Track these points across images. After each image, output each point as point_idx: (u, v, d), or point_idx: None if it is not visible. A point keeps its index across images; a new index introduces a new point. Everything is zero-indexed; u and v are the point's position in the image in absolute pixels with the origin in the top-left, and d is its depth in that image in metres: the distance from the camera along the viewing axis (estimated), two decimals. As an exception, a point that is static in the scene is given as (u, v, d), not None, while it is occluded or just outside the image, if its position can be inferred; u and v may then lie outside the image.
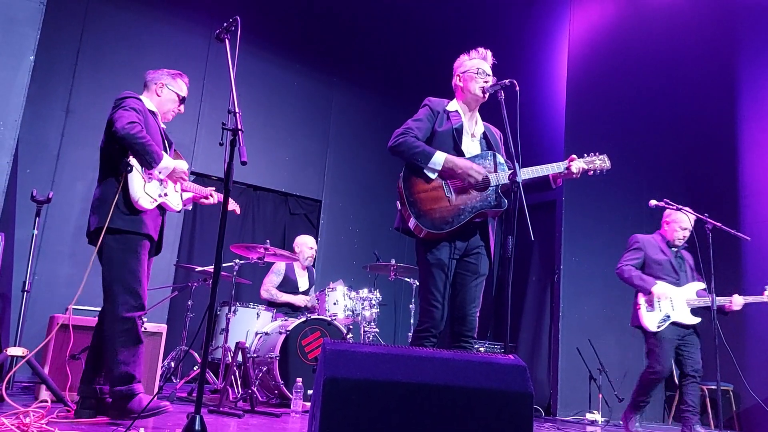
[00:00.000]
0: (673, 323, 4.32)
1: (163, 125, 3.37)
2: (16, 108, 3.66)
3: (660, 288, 4.32)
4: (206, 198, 3.44)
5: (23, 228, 5.05)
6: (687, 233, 4.50)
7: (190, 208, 3.53)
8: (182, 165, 3.20)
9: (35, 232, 3.95)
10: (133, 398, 2.87)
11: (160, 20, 6.45)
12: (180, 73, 3.44)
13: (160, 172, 3.07)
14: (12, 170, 4.53)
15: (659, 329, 4.31)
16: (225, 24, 2.75)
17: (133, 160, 3.00)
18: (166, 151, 3.24)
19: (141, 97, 3.25)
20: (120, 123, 2.93)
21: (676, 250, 4.53)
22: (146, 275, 3.08)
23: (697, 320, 4.37)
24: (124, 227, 2.96)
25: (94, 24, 6.04)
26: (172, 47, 6.47)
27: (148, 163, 2.99)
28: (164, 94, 3.34)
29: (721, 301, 4.30)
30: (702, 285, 4.44)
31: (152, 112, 3.26)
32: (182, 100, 3.41)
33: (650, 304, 4.36)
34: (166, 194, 3.14)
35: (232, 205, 3.78)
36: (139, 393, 2.90)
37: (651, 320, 4.34)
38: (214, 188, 3.50)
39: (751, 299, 4.36)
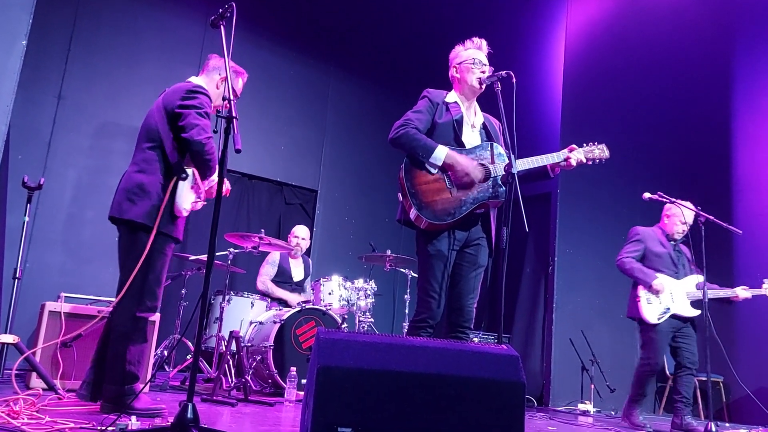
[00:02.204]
0: (673, 316, 4.39)
1: None
2: (7, 93, 3.62)
3: (661, 281, 4.39)
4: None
5: (14, 215, 5.02)
6: (686, 227, 4.56)
7: None
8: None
9: (26, 219, 3.91)
10: (131, 395, 2.84)
11: (154, 6, 6.39)
12: (243, 72, 3.36)
13: (206, 183, 3.06)
14: (3, 156, 4.49)
15: (659, 321, 4.37)
16: (220, 10, 2.71)
17: (190, 170, 2.95)
18: None
19: (199, 82, 3.14)
20: (198, 134, 2.85)
21: (674, 243, 4.58)
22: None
23: (696, 312, 4.44)
24: (162, 230, 2.91)
25: (88, 9, 5.97)
26: (167, 33, 6.41)
27: (206, 176, 2.99)
28: (222, 88, 3.20)
29: (728, 293, 4.44)
30: (701, 278, 4.49)
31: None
32: (234, 97, 3.33)
33: (650, 296, 4.42)
34: (200, 197, 3.12)
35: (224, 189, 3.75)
36: (138, 392, 2.89)
37: (651, 313, 4.40)
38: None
39: (754, 291, 4.44)
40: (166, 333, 5.32)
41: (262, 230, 4.77)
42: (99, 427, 2.22)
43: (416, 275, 3.07)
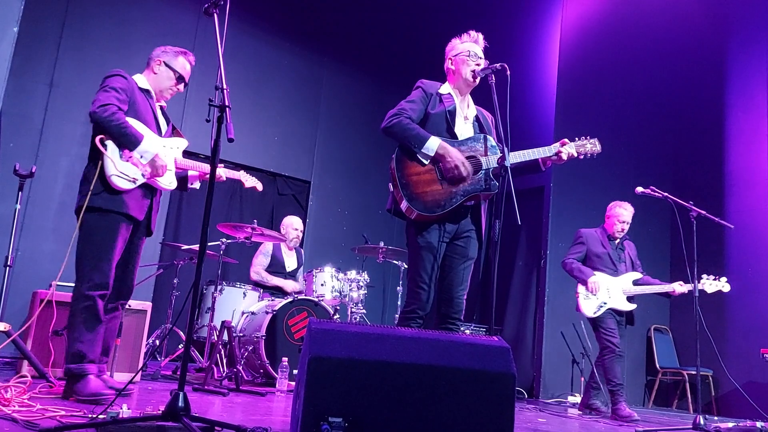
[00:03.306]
0: (610, 309, 4.73)
1: (163, 103, 3.30)
2: (-1, 80, 3.59)
3: (597, 278, 4.74)
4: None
5: (6, 202, 4.99)
6: (626, 226, 4.92)
7: (197, 186, 3.44)
8: (175, 144, 3.17)
9: (18, 206, 3.89)
10: (81, 378, 2.80)
11: (148, -6, 6.35)
12: (185, 51, 3.32)
13: (142, 156, 2.98)
14: (-5, 143, 4.46)
15: (596, 315, 4.73)
16: (213, -2, 2.68)
17: (108, 141, 2.94)
18: (160, 132, 3.19)
19: (138, 75, 3.19)
20: (93, 106, 2.90)
21: (617, 242, 4.91)
22: (120, 254, 3.01)
23: (632, 306, 4.77)
24: (104, 206, 2.92)
25: (81, -4, 5.93)
26: (159, 21, 6.36)
27: (125, 145, 2.94)
28: (160, 72, 3.22)
29: (666, 288, 4.74)
30: (638, 275, 4.84)
31: (144, 90, 3.18)
32: (179, 79, 3.26)
33: (589, 292, 4.75)
34: (139, 167, 3.02)
35: (252, 182, 3.75)
36: (90, 374, 2.83)
37: (588, 307, 4.75)
38: (223, 165, 3.46)
39: (690, 287, 4.60)
40: (157, 322, 5.32)
41: (255, 221, 4.77)
42: (90, 415, 2.23)
43: (407, 267, 3.08)
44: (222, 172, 3.42)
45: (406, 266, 5.55)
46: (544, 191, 6.48)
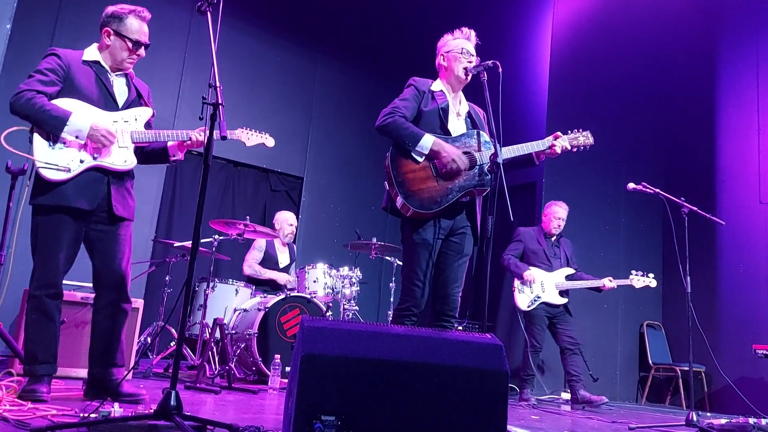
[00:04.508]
0: (544, 303, 5.02)
1: (130, 70, 3.06)
2: (-10, 76, 3.56)
3: (530, 273, 5.02)
4: (189, 140, 3.09)
5: (-3, 200, 4.95)
6: (561, 222, 5.19)
7: (181, 157, 3.21)
8: (131, 116, 2.91)
9: (10, 204, 3.87)
10: (38, 379, 2.70)
11: (140, -10, 6.30)
12: (133, 9, 3.01)
13: (77, 136, 2.73)
14: (-15, 140, 4.41)
15: (530, 309, 5.01)
16: (207, -4, 2.65)
17: (35, 134, 2.75)
18: (116, 106, 2.93)
19: (90, 47, 2.98)
20: (11, 96, 2.71)
21: (553, 239, 5.23)
22: (70, 249, 2.82)
23: (564, 300, 5.06)
24: (44, 202, 2.74)
25: (72, -9, 5.89)
26: (153, 19, 6.24)
27: (51, 129, 2.71)
28: (113, 43, 2.94)
29: (596, 283, 5.04)
30: (571, 270, 5.15)
31: (92, 63, 2.93)
32: (135, 45, 2.95)
33: (523, 286, 5.03)
34: (96, 155, 2.79)
35: (256, 140, 3.46)
36: (44, 374, 2.73)
37: (523, 301, 5.04)
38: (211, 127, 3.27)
39: (620, 282, 4.99)
40: (149, 320, 5.30)
41: (248, 217, 4.75)
42: (81, 414, 2.22)
43: (402, 263, 3.08)
44: (194, 135, 3.08)
45: (399, 263, 5.55)
46: (536, 187, 6.49)
